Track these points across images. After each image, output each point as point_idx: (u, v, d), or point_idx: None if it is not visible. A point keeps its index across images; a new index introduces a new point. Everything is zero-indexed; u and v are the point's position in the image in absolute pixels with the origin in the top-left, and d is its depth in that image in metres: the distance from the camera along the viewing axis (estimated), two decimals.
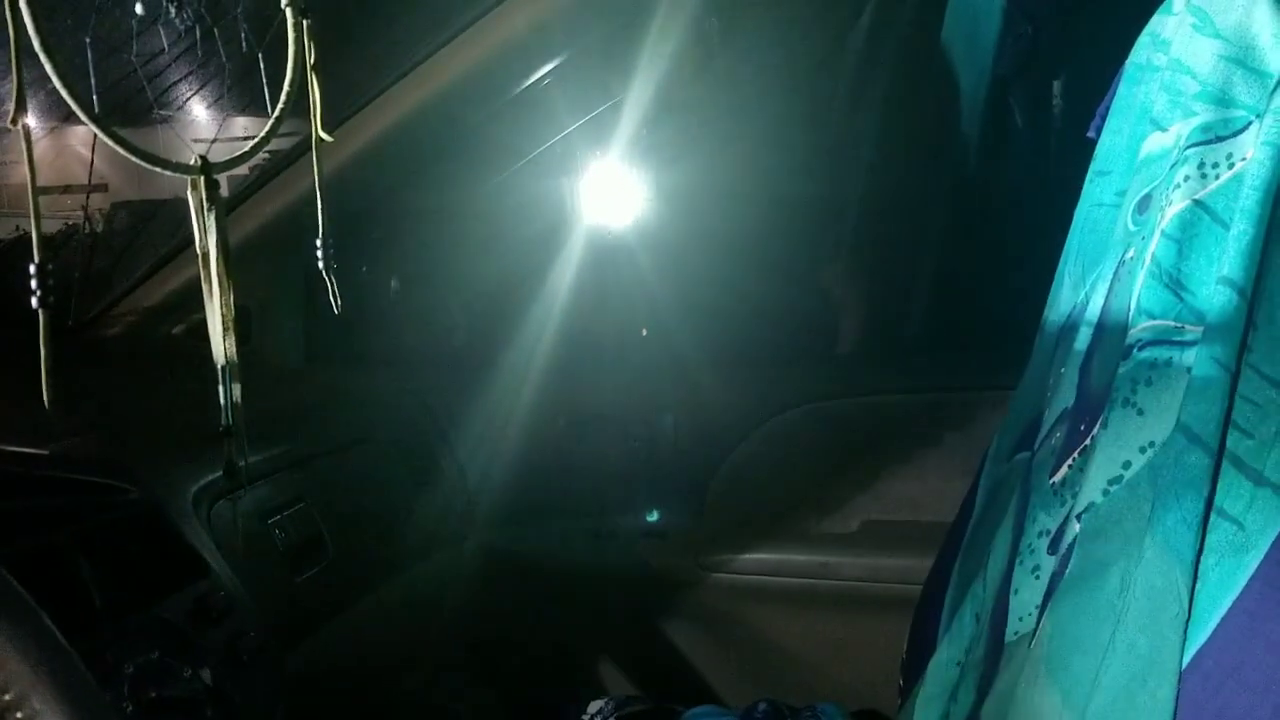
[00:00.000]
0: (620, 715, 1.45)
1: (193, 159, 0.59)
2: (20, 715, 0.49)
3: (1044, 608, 0.77)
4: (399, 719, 1.60)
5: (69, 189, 1.59)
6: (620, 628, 1.71)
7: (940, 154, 1.88)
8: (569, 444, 1.74)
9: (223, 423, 0.64)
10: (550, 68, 1.28)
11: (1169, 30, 0.81)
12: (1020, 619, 0.81)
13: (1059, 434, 0.84)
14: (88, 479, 1.02)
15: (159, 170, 0.57)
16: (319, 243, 0.67)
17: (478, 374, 1.72)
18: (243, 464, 0.65)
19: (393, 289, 1.86)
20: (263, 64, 0.72)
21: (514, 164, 1.58)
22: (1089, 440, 0.78)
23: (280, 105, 0.62)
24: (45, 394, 0.52)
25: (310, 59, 0.62)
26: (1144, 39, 0.85)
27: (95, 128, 0.54)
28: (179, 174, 0.58)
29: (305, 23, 0.61)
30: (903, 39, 1.81)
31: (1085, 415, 0.80)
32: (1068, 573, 0.74)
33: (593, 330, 1.83)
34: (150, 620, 0.93)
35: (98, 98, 0.60)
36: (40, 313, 0.52)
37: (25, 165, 0.52)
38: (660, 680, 1.67)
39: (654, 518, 1.70)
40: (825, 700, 1.41)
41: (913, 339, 1.95)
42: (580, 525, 1.70)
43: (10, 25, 0.50)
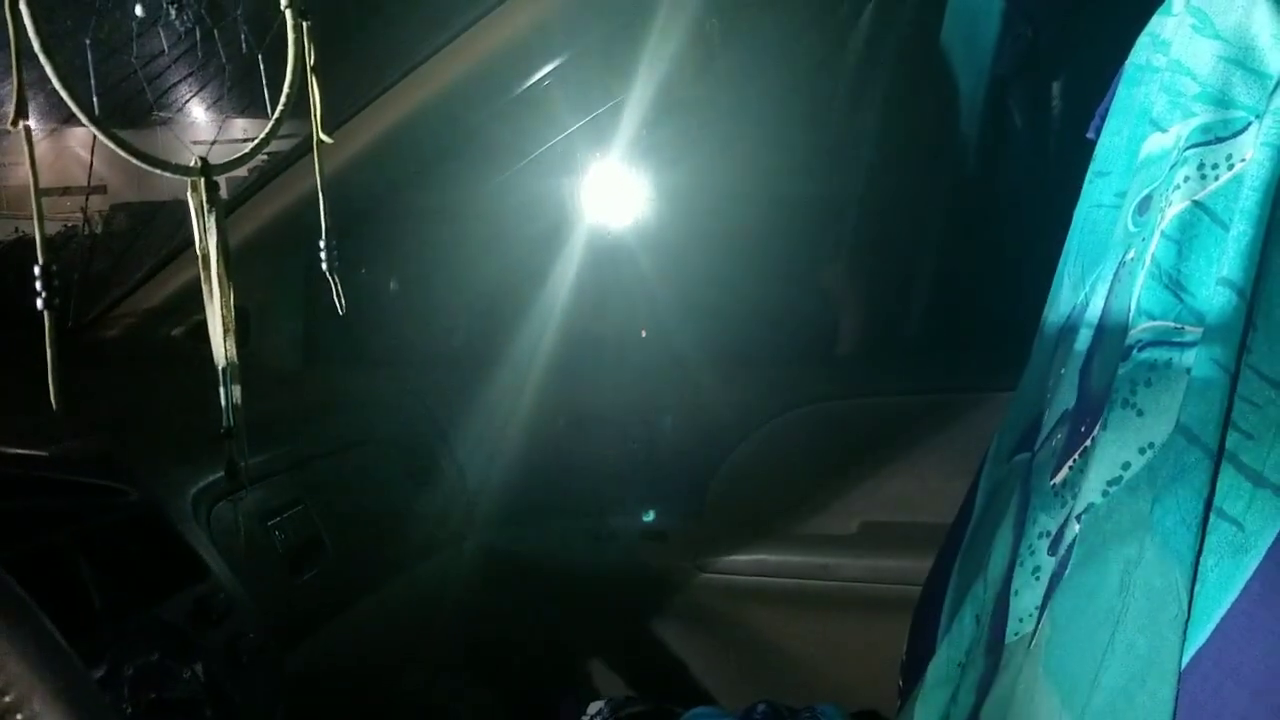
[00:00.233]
0: (619, 716, 1.45)
1: (192, 161, 0.59)
2: (20, 717, 0.49)
3: (1044, 609, 0.77)
4: (398, 719, 1.60)
5: (68, 191, 1.58)
6: (619, 628, 1.71)
7: (940, 155, 1.88)
8: (568, 445, 1.74)
9: (223, 424, 0.64)
10: (551, 68, 1.28)
11: (1168, 31, 0.81)
12: (1020, 620, 0.81)
13: (1059, 435, 0.84)
14: (88, 480, 1.02)
15: (158, 172, 0.57)
16: (322, 244, 0.67)
17: (477, 374, 1.72)
18: (243, 465, 0.65)
19: (392, 290, 1.86)
20: (262, 66, 0.72)
21: (514, 165, 1.58)
22: (1089, 441, 0.78)
23: (280, 107, 0.62)
24: (52, 396, 0.51)
25: (310, 60, 0.62)
26: (1143, 40, 0.85)
27: (95, 129, 0.54)
28: (178, 176, 0.58)
29: (305, 24, 0.61)
30: (902, 40, 1.81)
31: (1085, 416, 0.80)
32: (1067, 573, 0.74)
33: (592, 331, 1.83)
34: (150, 621, 0.93)
35: (98, 99, 0.60)
36: (45, 314, 0.51)
37: (26, 167, 0.51)
38: (659, 681, 1.67)
39: (652, 517, 1.70)
40: (824, 701, 1.41)
41: (912, 340, 1.95)
42: (579, 526, 1.70)
43: (10, 27, 0.50)
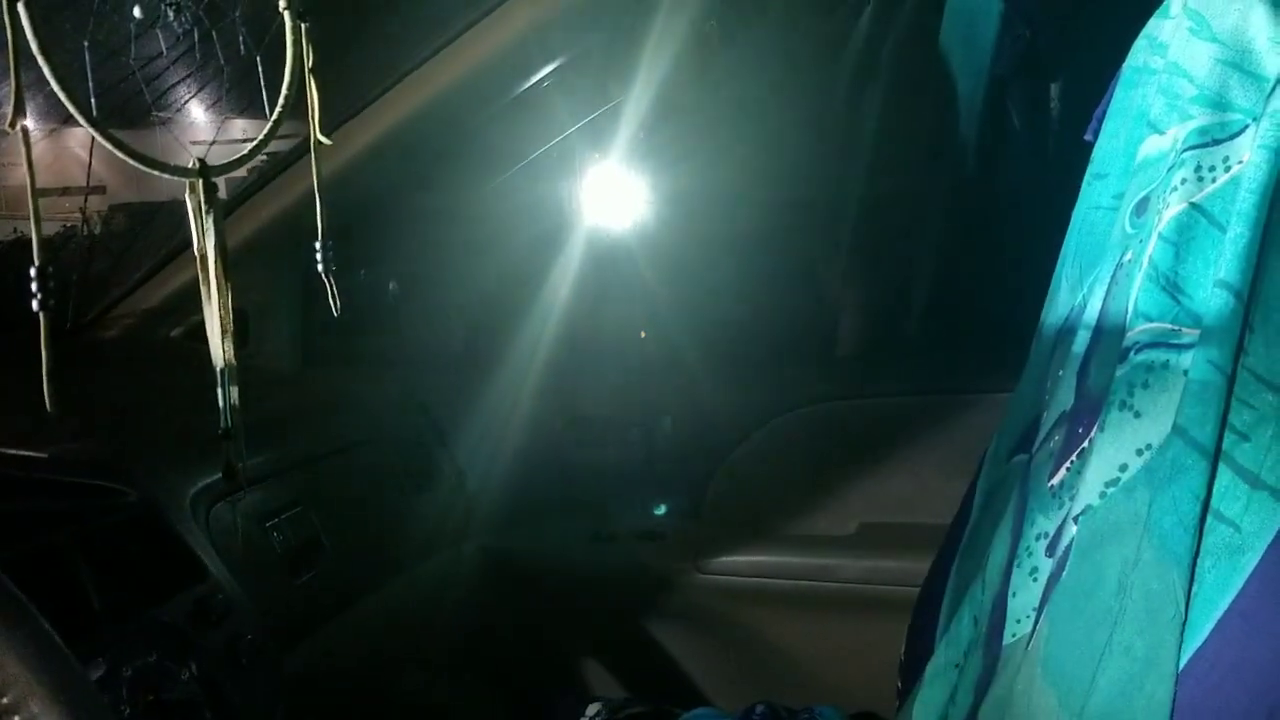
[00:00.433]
0: (618, 717, 1.45)
1: (191, 162, 0.59)
2: (19, 718, 0.49)
3: (1041, 610, 0.77)
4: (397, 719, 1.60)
5: (67, 191, 1.58)
6: (618, 629, 1.71)
7: (938, 157, 1.88)
8: (568, 446, 1.74)
9: (221, 425, 0.64)
10: (550, 70, 1.29)
11: (1166, 34, 0.81)
12: (1018, 621, 0.81)
13: (1057, 436, 0.84)
14: (86, 481, 1.02)
15: (157, 173, 0.57)
16: (318, 245, 0.67)
17: (476, 376, 1.72)
18: (241, 466, 0.65)
19: (391, 291, 1.86)
20: (261, 67, 0.72)
21: (513, 166, 1.59)
22: (1087, 443, 0.78)
23: (278, 108, 0.62)
24: (46, 397, 0.52)
25: (308, 62, 0.62)
26: (1141, 42, 0.85)
27: (93, 130, 0.54)
28: (177, 177, 0.58)
29: (303, 25, 0.62)
30: (900, 41, 1.81)
31: (1083, 418, 0.80)
32: (1065, 575, 0.74)
33: (592, 332, 1.83)
34: (149, 622, 0.93)
35: (96, 100, 0.60)
36: (40, 315, 0.52)
37: (24, 168, 0.52)
38: (658, 682, 1.67)
39: (655, 512, 1.70)
40: (823, 702, 1.41)
41: (911, 341, 1.95)
42: (579, 527, 1.70)
43: (9, 28, 0.50)
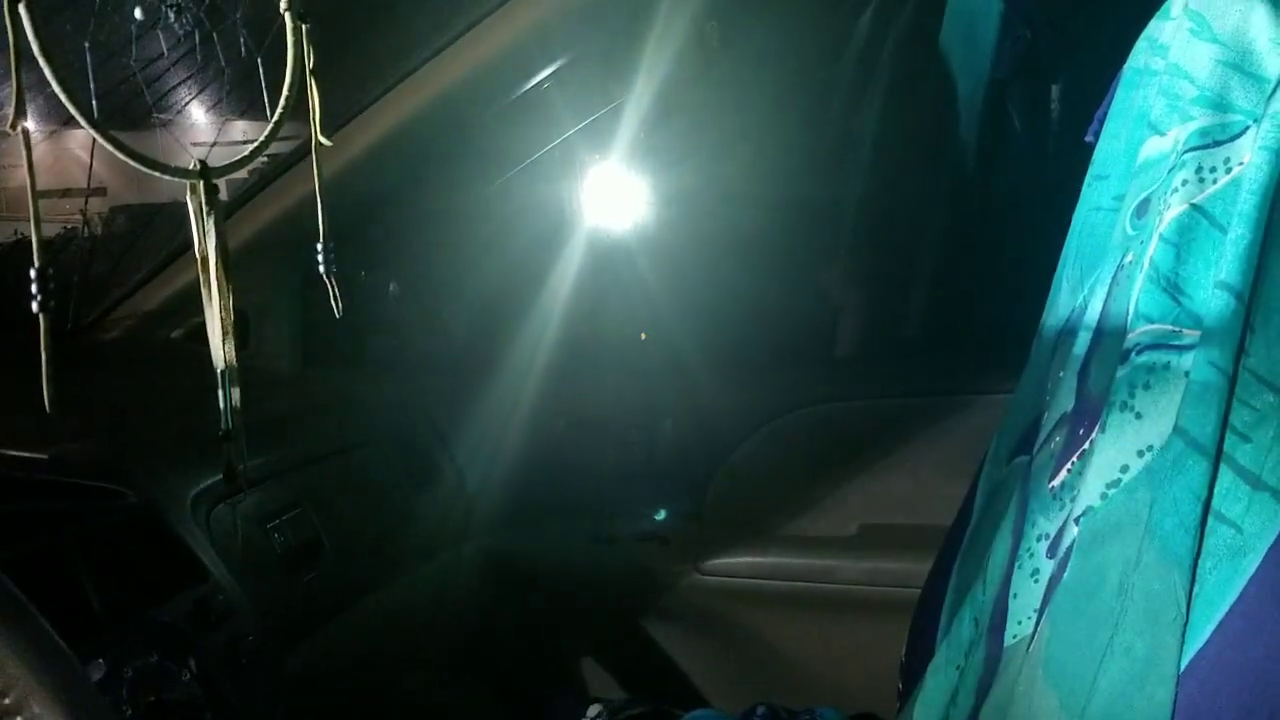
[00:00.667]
0: (618, 719, 1.45)
1: (192, 163, 0.59)
2: (20, 719, 0.49)
3: (1042, 611, 0.77)
4: None
5: (68, 193, 1.58)
6: (619, 631, 1.71)
7: (938, 158, 1.88)
8: (568, 447, 1.74)
9: (222, 427, 0.64)
10: (550, 71, 1.29)
11: (1167, 35, 0.81)
12: (1019, 622, 0.81)
13: (1058, 438, 0.84)
14: (86, 483, 1.02)
15: (158, 175, 0.57)
16: (320, 247, 0.67)
17: (476, 377, 1.72)
18: (242, 468, 0.65)
19: (391, 292, 1.86)
20: (262, 68, 0.72)
21: (514, 167, 1.59)
22: (1087, 444, 0.78)
23: (279, 109, 0.62)
24: (46, 398, 0.52)
25: (309, 63, 0.62)
26: (1142, 43, 0.85)
27: (94, 132, 0.54)
28: (178, 178, 0.58)
29: (304, 27, 0.62)
30: (900, 42, 1.81)
31: (1084, 419, 0.80)
32: (1066, 576, 0.74)
33: (592, 333, 1.83)
34: (149, 623, 0.93)
35: (97, 102, 0.60)
36: (40, 317, 0.52)
37: (25, 169, 0.52)
38: (659, 683, 1.67)
39: (655, 518, 1.70)
40: (824, 704, 1.41)
41: (911, 342, 1.95)
42: (579, 528, 1.70)
43: (10, 30, 0.50)
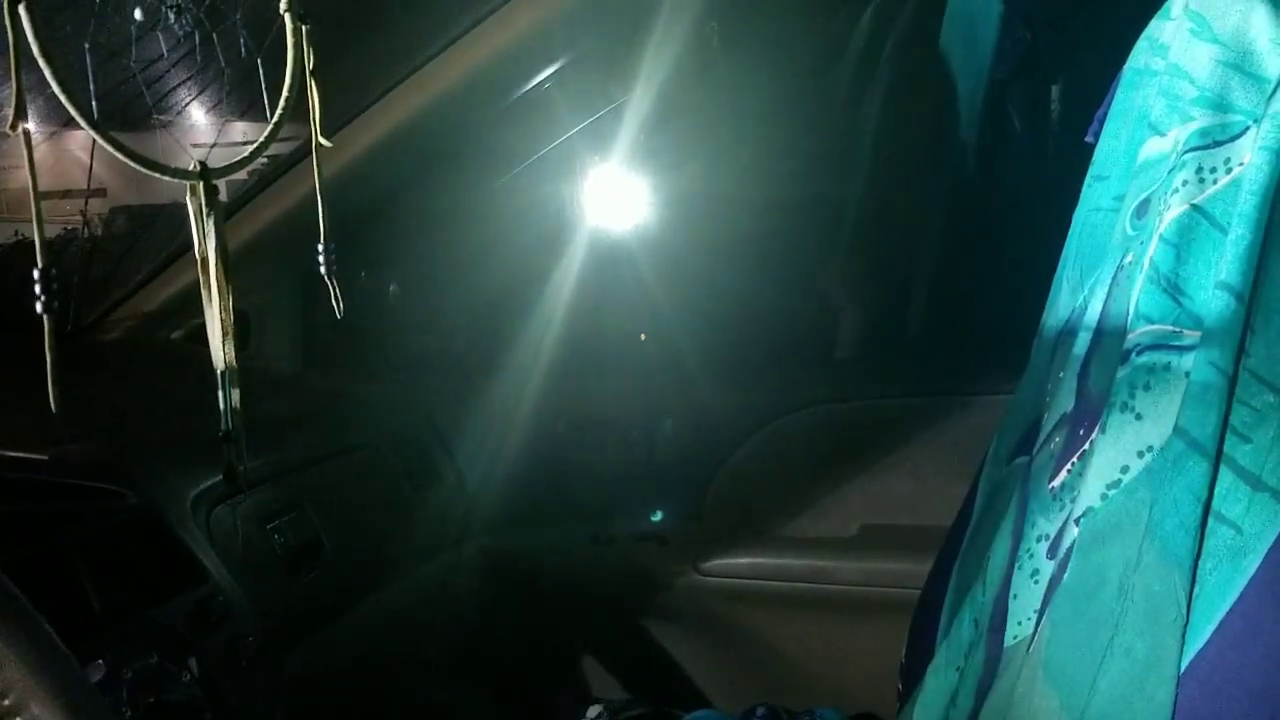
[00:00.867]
0: (618, 719, 1.45)
1: (191, 164, 0.59)
2: None
3: (1042, 612, 0.77)
4: None
5: (68, 194, 1.58)
6: (619, 632, 1.71)
7: (938, 159, 1.88)
8: (568, 448, 1.73)
9: (222, 427, 0.64)
10: (551, 72, 1.29)
11: (1167, 35, 0.81)
12: (1019, 623, 0.81)
13: (1058, 438, 0.84)
14: (87, 484, 1.02)
15: (158, 176, 0.57)
16: (320, 247, 0.67)
17: (477, 378, 1.72)
18: (242, 469, 0.65)
19: (391, 293, 1.86)
20: (261, 69, 0.72)
21: (514, 168, 1.59)
22: (1087, 444, 0.78)
23: (279, 110, 0.62)
24: (51, 399, 0.51)
25: (309, 64, 0.62)
26: (1142, 44, 0.85)
27: (94, 133, 0.54)
28: (178, 179, 0.58)
29: (304, 28, 0.62)
30: (900, 43, 1.81)
31: (1084, 419, 0.80)
32: (1066, 577, 0.74)
33: (592, 334, 1.83)
34: (149, 624, 0.93)
35: (97, 103, 0.60)
36: (45, 318, 0.52)
37: (26, 171, 0.52)
38: (659, 684, 1.67)
39: (655, 518, 1.70)
40: (824, 704, 1.41)
41: (912, 342, 1.95)
42: (579, 529, 1.70)
43: (10, 31, 0.50)
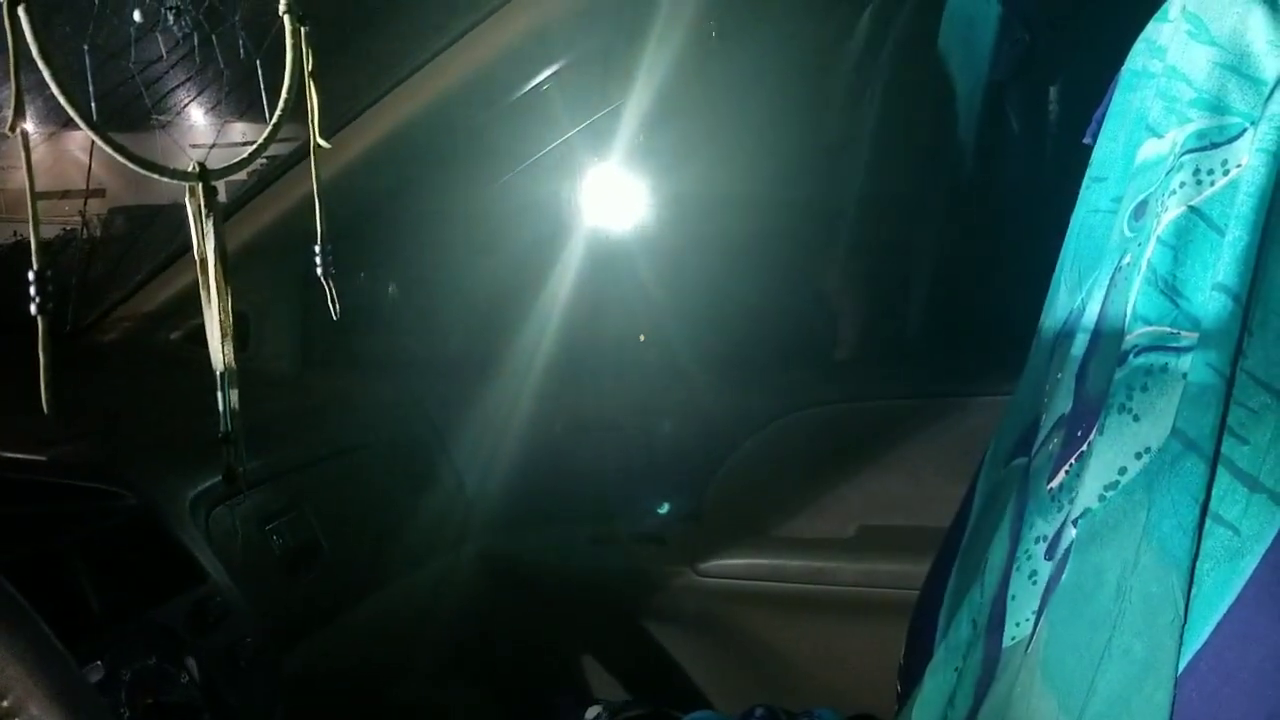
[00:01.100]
0: (617, 719, 1.45)
1: (190, 165, 0.59)
2: None
3: (1040, 613, 0.77)
4: None
5: (67, 194, 1.58)
6: (618, 633, 1.71)
7: (937, 160, 1.88)
8: (567, 449, 1.74)
9: (221, 428, 0.64)
10: (549, 73, 1.29)
11: (1165, 37, 0.81)
12: (1017, 624, 0.81)
13: (1056, 439, 0.84)
14: (85, 485, 1.02)
15: (157, 176, 0.57)
16: (318, 248, 0.67)
17: (475, 379, 1.72)
18: (241, 470, 0.65)
19: (390, 294, 1.86)
20: (261, 71, 0.72)
21: (513, 169, 1.59)
22: (1085, 446, 0.78)
23: (278, 111, 0.62)
24: (44, 400, 0.51)
25: (308, 65, 0.62)
26: (1140, 45, 0.85)
27: (93, 134, 0.54)
28: (177, 180, 0.58)
29: (303, 29, 0.62)
30: (899, 44, 1.81)
31: (1082, 421, 0.80)
32: (1064, 578, 0.74)
33: (591, 335, 1.83)
34: (147, 625, 0.93)
35: (95, 104, 0.60)
36: (39, 319, 0.52)
37: (24, 171, 0.52)
38: (658, 685, 1.67)
39: (654, 519, 1.70)
40: (822, 705, 1.41)
41: (910, 344, 1.95)
42: (578, 530, 1.70)
43: (9, 32, 0.50)
